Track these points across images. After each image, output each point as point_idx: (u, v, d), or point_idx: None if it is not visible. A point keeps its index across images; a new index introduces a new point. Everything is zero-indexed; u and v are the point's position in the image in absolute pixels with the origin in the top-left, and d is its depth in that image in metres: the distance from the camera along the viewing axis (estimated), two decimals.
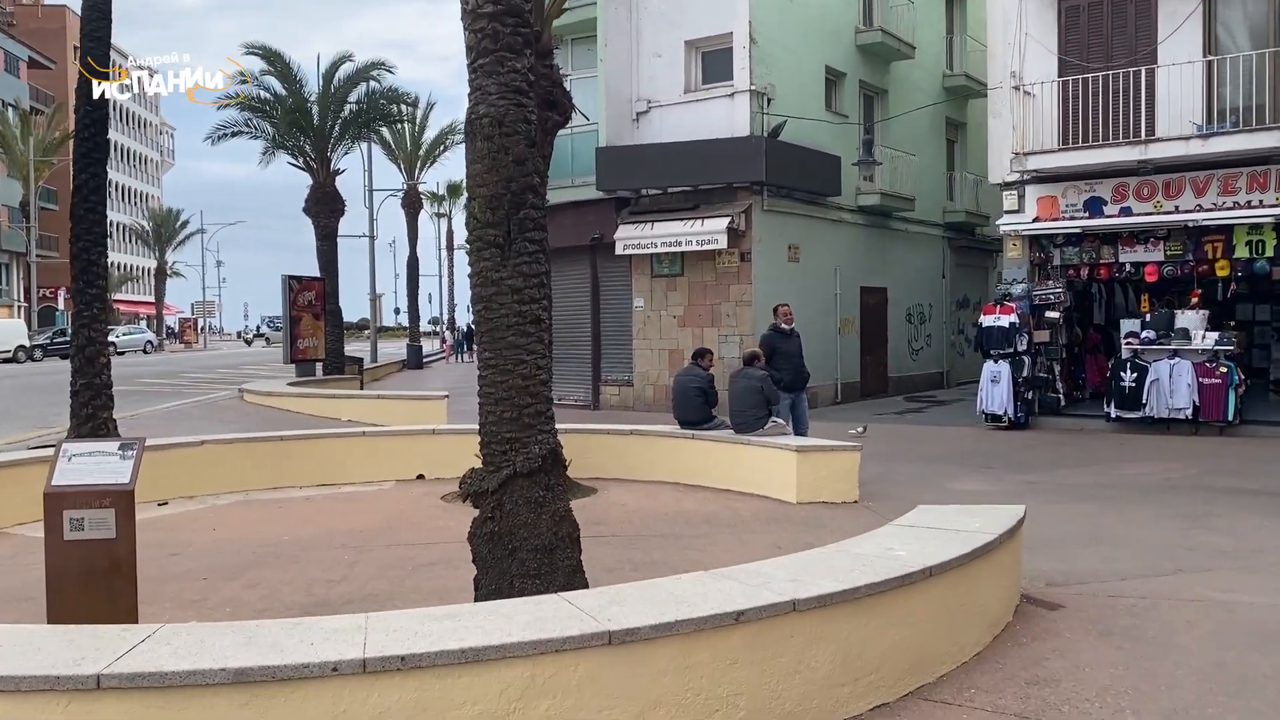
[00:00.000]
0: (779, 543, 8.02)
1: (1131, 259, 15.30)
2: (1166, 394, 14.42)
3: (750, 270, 18.83)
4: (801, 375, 12.11)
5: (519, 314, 5.28)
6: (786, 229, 19.65)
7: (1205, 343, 14.30)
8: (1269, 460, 12.14)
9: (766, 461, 10.16)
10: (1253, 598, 6.15)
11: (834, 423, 16.28)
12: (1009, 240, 16.25)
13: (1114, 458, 12.61)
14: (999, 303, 15.95)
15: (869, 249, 22.43)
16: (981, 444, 14.44)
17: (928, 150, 24.58)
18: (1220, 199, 14.38)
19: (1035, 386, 15.98)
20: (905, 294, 23.94)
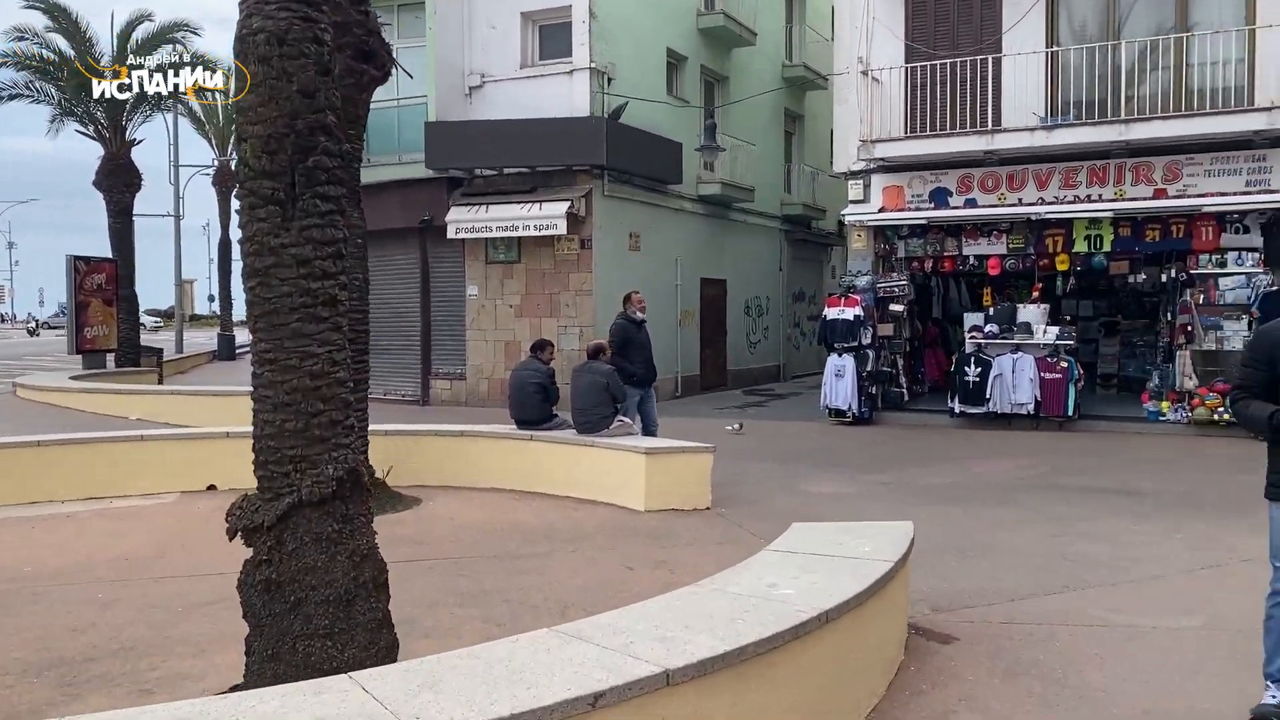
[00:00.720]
0: (629, 560, 7.04)
1: (975, 251, 15.13)
2: (1009, 389, 14.28)
3: (591, 258, 17.83)
4: (653, 369, 11.20)
5: (307, 293, 4.07)
6: (628, 216, 18.75)
7: (1047, 337, 14.24)
8: (1110, 455, 12.04)
9: (612, 465, 9.17)
10: (1151, 619, 5.57)
11: (682, 419, 15.51)
12: (854, 231, 15.84)
13: (962, 455, 12.27)
14: (843, 295, 15.53)
15: (709, 240, 21.83)
16: (829, 441, 13.93)
17: (767, 141, 24.21)
18: (1062, 192, 14.34)
19: (879, 381, 15.64)
20: (744, 286, 23.49)
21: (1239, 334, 13.55)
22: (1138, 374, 17.69)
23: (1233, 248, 13.58)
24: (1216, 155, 13.40)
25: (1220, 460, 11.55)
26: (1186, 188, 13.65)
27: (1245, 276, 13.46)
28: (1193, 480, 10.28)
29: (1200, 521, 8.22)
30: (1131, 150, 13.72)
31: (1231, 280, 13.57)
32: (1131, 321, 18.41)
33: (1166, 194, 13.73)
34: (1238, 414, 4.34)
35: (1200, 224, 13.67)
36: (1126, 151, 13.77)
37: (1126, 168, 13.92)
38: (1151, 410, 14.11)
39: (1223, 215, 13.52)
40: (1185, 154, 13.55)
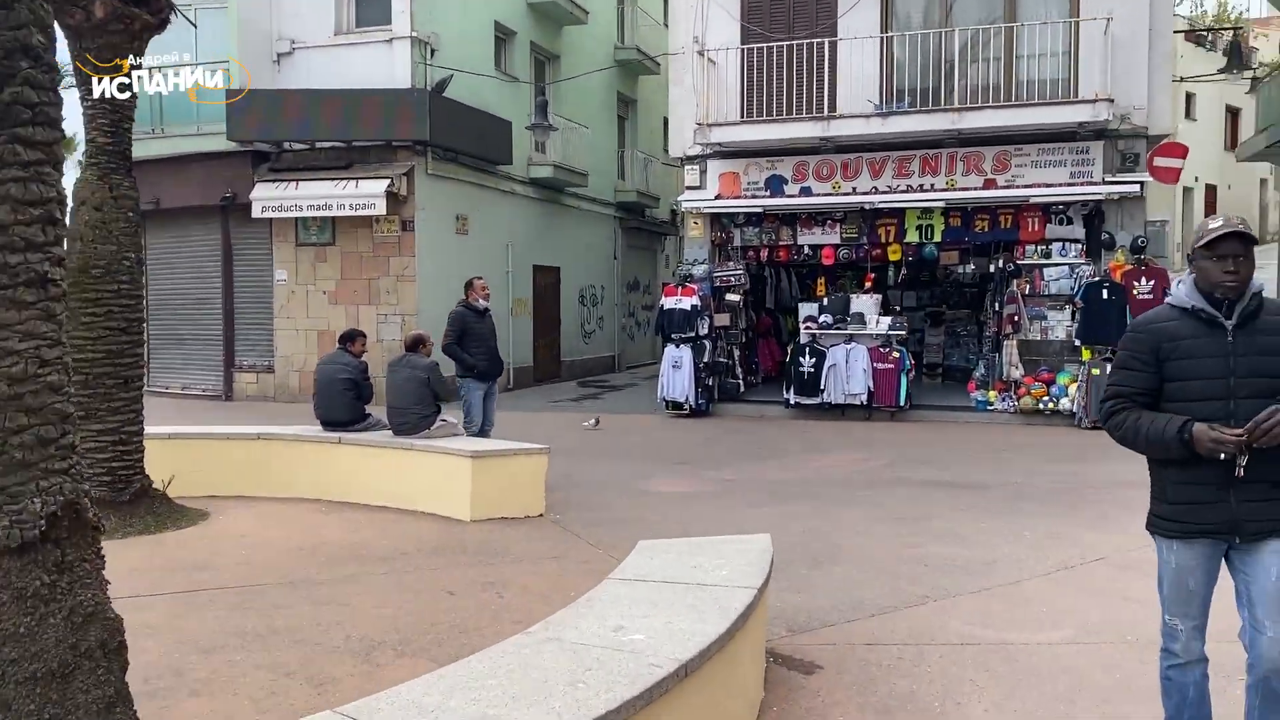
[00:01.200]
0: (452, 583, 6.18)
1: (810, 241, 14.90)
2: (843, 379, 14.11)
3: (413, 241, 16.69)
4: (499, 362, 10.31)
5: (4, 270, 3.05)
6: (454, 197, 17.69)
7: (879, 328, 14.13)
8: (945, 446, 11.97)
9: (434, 471, 8.25)
10: (1021, 635, 5.16)
11: (519, 413, 14.63)
12: (690, 218, 15.36)
13: (802, 448, 11.94)
14: (680, 284, 15.02)
15: (542, 225, 20.99)
16: (668, 434, 13.38)
17: (600, 125, 23.51)
18: (895, 181, 14.26)
19: (716, 372, 15.22)
20: (578, 274, 22.77)
21: (1062, 324, 13.82)
22: (961, 363, 18.00)
23: (1057, 238, 13.80)
24: (1043, 146, 13.57)
25: (1047, 449, 11.63)
26: (1014, 178, 13.79)
27: (1069, 267, 13.71)
28: (1027, 471, 10.22)
29: (1043, 517, 8.04)
30: (963, 140, 13.75)
31: (1056, 271, 13.81)
32: (955, 311, 18.73)
33: (995, 184, 13.83)
34: (1122, 431, 3.33)
35: (1027, 215, 13.84)
36: (958, 141, 13.79)
37: (958, 158, 13.95)
38: (979, 400, 14.22)
39: (1048, 206, 13.72)
40: (1014, 144, 13.67)
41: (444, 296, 16.90)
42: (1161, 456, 3.32)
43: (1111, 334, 13.00)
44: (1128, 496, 8.86)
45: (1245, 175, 33.59)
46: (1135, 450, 3.37)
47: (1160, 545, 3.42)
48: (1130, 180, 13.27)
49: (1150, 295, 12.92)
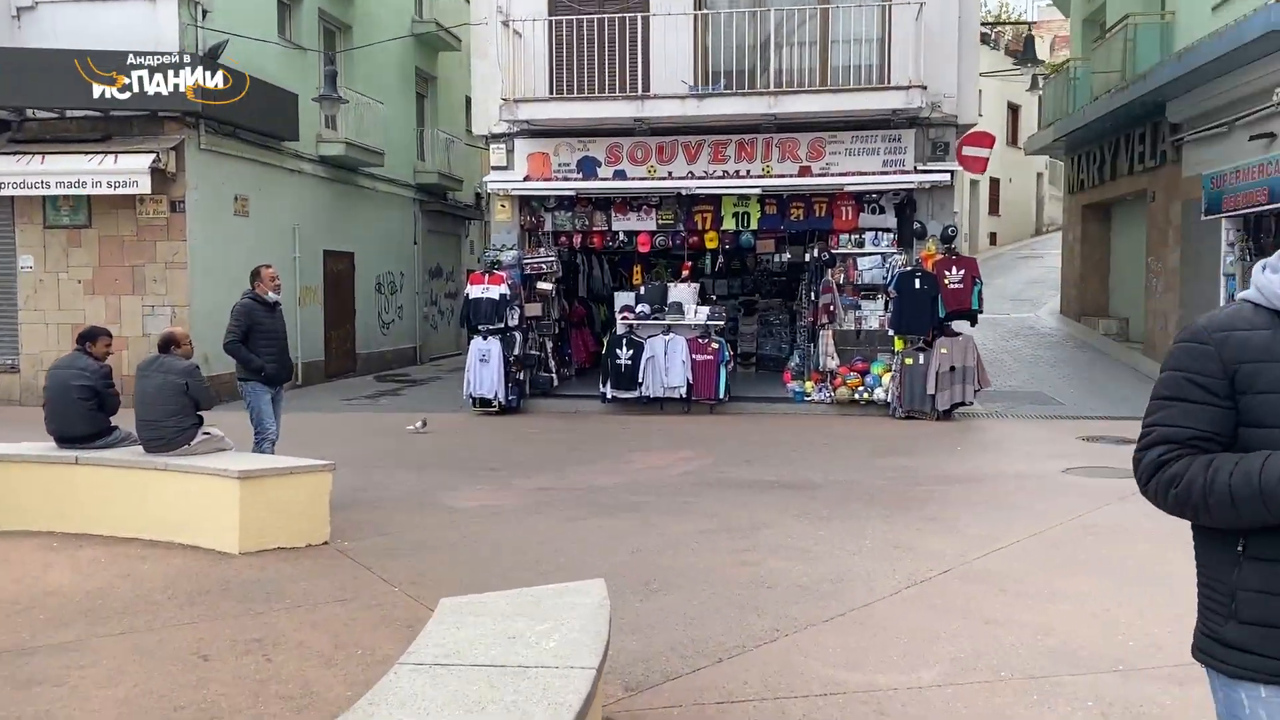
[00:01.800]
0: (207, 643, 5.02)
1: (625, 227, 14.18)
2: (662, 372, 13.48)
3: (184, 223, 14.87)
4: (288, 364, 8.97)
5: None
6: (233, 176, 15.93)
7: (698, 318, 13.58)
8: (767, 441, 11.53)
9: (195, 495, 6.96)
10: (890, 676, 4.54)
11: (311, 414, 13.22)
12: (497, 200, 14.33)
13: (623, 447, 11.20)
14: (487, 271, 13.97)
15: (333, 208, 19.38)
16: (476, 436, 12.34)
17: (397, 102, 22.02)
18: (711, 167, 13.72)
19: (527, 366, 14.29)
20: (375, 261, 21.24)
21: (876, 314, 13.69)
22: (774, 352, 17.81)
23: (870, 228, 13.65)
24: (857, 133, 13.36)
25: (868, 442, 11.36)
26: (829, 166, 13.52)
27: (881, 256, 13.58)
28: (851, 467, 9.86)
29: (879, 520, 7.59)
30: (779, 125, 13.35)
31: (869, 260, 13.65)
32: (768, 301, 18.54)
33: (811, 171, 13.52)
34: (1183, 491, 1.99)
35: (841, 203, 13.62)
36: (774, 126, 13.38)
37: (774, 143, 13.55)
38: (797, 391, 13.93)
39: (862, 195, 13.54)
40: (829, 131, 13.40)
41: (222, 286, 15.24)
42: (1255, 521, 1.94)
43: (924, 323, 12.97)
44: (956, 493, 8.63)
45: (1025, 170, 35.53)
46: (1198, 520, 2.04)
47: (1230, 691, 2.05)
48: (941, 169, 13.25)
49: (961, 284, 12.94)
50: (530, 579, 6.01)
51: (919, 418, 12.89)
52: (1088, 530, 7.23)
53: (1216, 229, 13.92)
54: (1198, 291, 14.60)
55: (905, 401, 13.01)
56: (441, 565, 6.44)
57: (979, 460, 10.43)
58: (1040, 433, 12.05)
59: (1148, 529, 7.19)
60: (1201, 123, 14.31)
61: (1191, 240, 14.88)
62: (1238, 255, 13.79)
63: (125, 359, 14.74)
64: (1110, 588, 5.84)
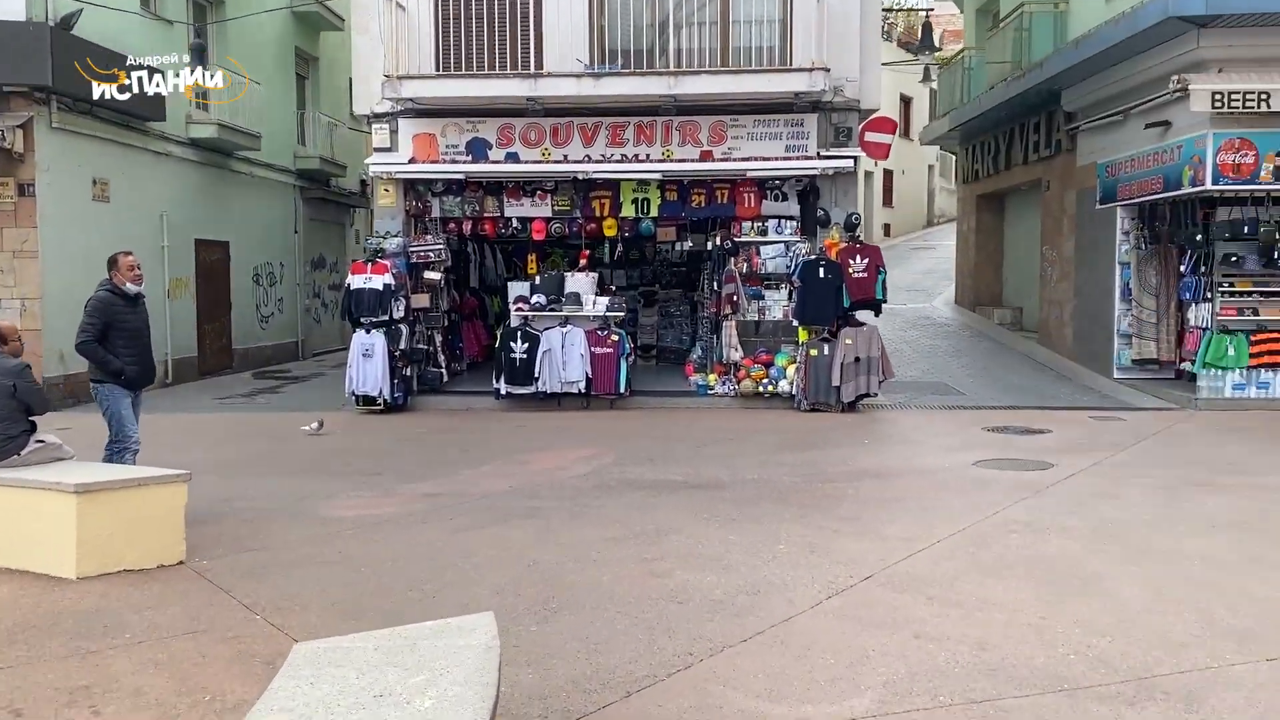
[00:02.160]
0: (23, 698, 4.22)
1: (518, 213, 13.46)
2: (559, 366, 12.84)
3: (35, 209, 13.56)
4: (151, 365, 7.98)
5: None
6: (91, 157, 14.64)
7: (597, 309, 12.97)
8: (670, 436, 11.02)
9: (25, 512, 6.06)
10: (818, 707, 4.03)
11: (180, 414, 12.15)
12: (380, 184, 13.44)
13: (518, 446, 10.54)
14: (370, 260, 13.09)
15: (206, 194, 18.13)
16: (358, 437, 11.50)
17: (275, 83, 20.76)
18: (609, 150, 13.12)
19: (414, 361, 13.46)
20: (252, 250, 20.01)
21: (779, 304, 13.31)
22: (675, 344, 17.35)
23: (774, 215, 13.25)
24: (759, 118, 12.92)
25: (774, 435, 10.96)
26: (731, 150, 13.07)
27: (785, 245, 13.20)
28: (760, 462, 9.41)
29: (793, 521, 7.13)
30: (680, 108, 12.82)
31: (772, 249, 13.25)
32: (668, 291, 18.05)
33: (712, 156, 13.04)
34: None
35: (743, 190, 13.18)
36: (675, 109, 12.85)
37: (674, 126, 13.02)
38: (700, 384, 13.46)
39: (764, 181, 13.13)
40: (730, 115, 12.92)
41: (78, 276, 14.02)
42: None
43: (829, 313, 12.64)
44: (869, 490, 8.24)
45: (918, 162, 35.94)
46: None
47: None
48: (844, 155, 12.91)
49: (865, 274, 12.65)
50: (413, 601, 5.34)
51: (824, 410, 12.55)
52: (1009, 528, 6.89)
53: (1111, 217, 13.97)
54: (1092, 280, 14.66)
55: (810, 394, 12.66)
56: (312, 586, 5.71)
57: (889, 454, 10.11)
58: (946, 424, 11.83)
59: (1069, 525, 6.91)
60: (1096, 111, 14.35)
61: (1086, 229, 14.95)
62: (1132, 244, 13.87)
63: None
64: (1042, 593, 5.47)
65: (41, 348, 13.48)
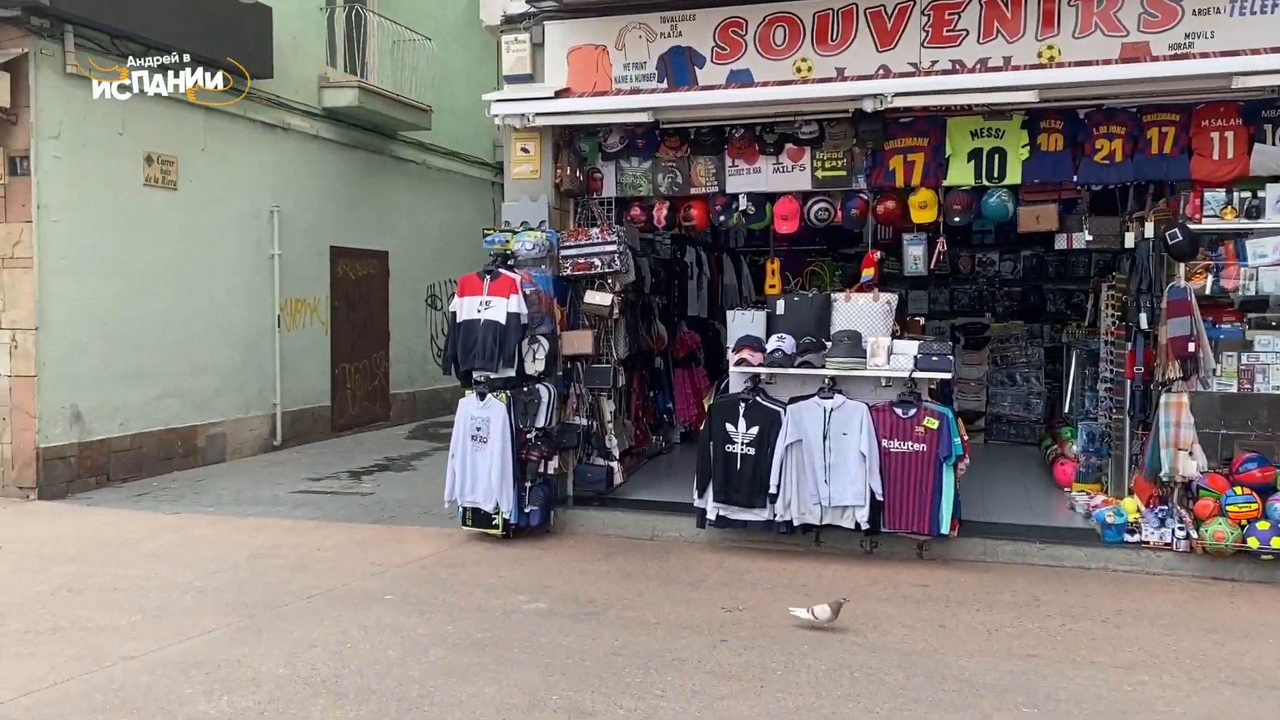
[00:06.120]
0: None
1: (749, 185, 7.36)
2: (818, 472, 6.61)
3: (30, 191, 9.01)
4: None
5: None
6: (142, 123, 10.03)
7: (897, 364, 6.59)
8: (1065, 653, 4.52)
9: None
10: None
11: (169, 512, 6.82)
12: (514, 139, 7.75)
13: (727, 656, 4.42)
14: (489, 273, 7.42)
15: (353, 186, 13.40)
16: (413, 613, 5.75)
17: (461, 47, 15.90)
18: (927, 53, 6.77)
19: (564, 448, 7.62)
20: (425, 264, 15.18)
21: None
22: (1015, 410, 10.66)
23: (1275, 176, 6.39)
24: None
25: None
26: (1190, 42, 6.33)
27: None
28: None
29: None
30: None
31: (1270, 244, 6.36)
32: (1005, 325, 11.32)
33: (1148, 53, 6.37)
34: None
35: (1212, 123, 6.42)
36: None
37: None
38: (1107, 521, 6.70)
39: (1260, 104, 6.31)
40: None
41: (105, 296, 9.57)
42: None
43: None
44: None
45: None
46: None
47: None
48: None
49: None
50: None
51: None
52: None
53: None
54: None
55: None
56: None
57: None
58: None
59: None
60: None
61: None
62: None
63: None
64: None
65: (36, 405, 8.88)
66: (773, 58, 7.03)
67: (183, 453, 10.50)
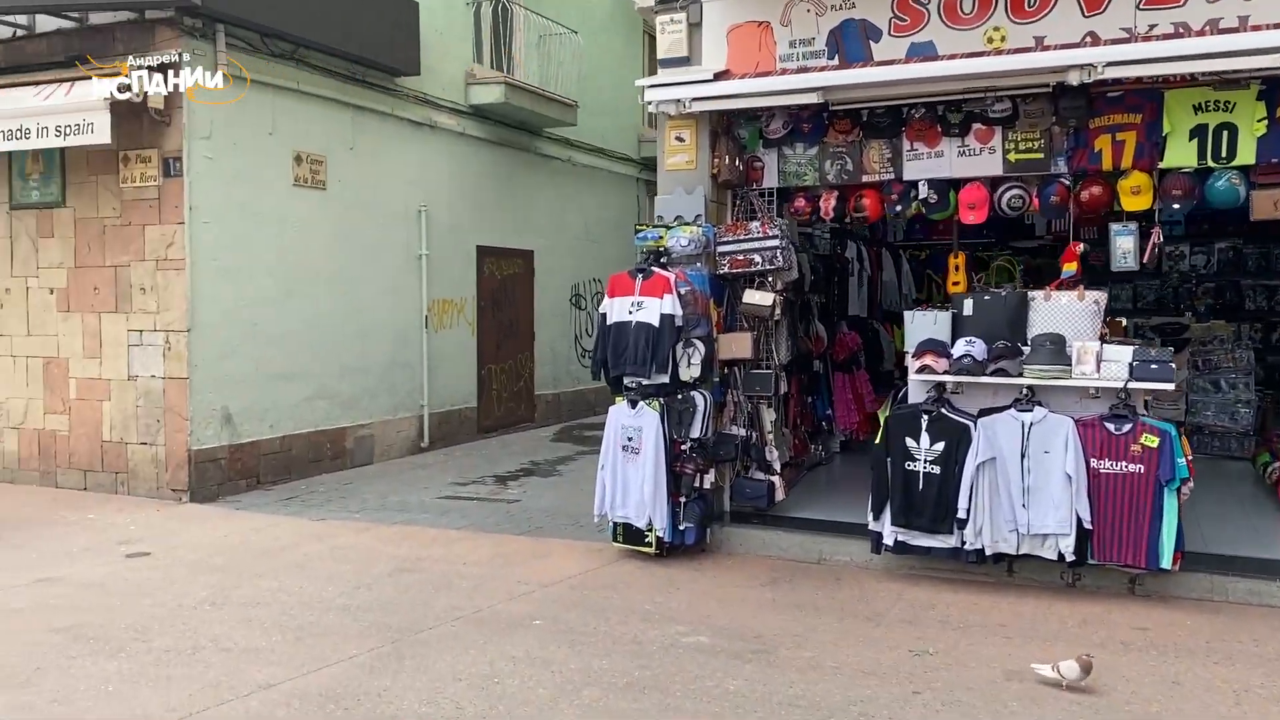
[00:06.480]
0: None
1: (931, 171, 6.61)
2: (1014, 496, 5.83)
3: (183, 193, 9.00)
4: None
5: None
6: (293, 122, 9.98)
7: (1105, 370, 5.75)
8: None
9: None
10: None
11: (316, 518, 6.47)
12: (668, 128, 7.21)
13: None
14: (641, 270, 6.90)
15: (499, 185, 13.17)
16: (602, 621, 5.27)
17: (609, 39, 15.56)
18: (1144, 14, 5.88)
19: (721, 460, 7.04)
20: (569, 262, 14.88)
21: None
22: (1221, 421, 9.52)
23: None
24: None
25: None
26: None
27: None
28: None
29: None
30: None
31: None
32: (1207, 325, 10.16)
33: None
34: None
35: None
36: None
37: None
38: None
39: None
40: None
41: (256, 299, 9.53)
42: None
43: None
44: None
45: None
46: None
47: None
48: None
49: None
50: None
51: None
52: None
53: None
54: None
55: None
56: None
57: None
58: None
59: None
60: None
61: None
62: None
63: (77, 439, 9.50)
64: None
65: (189, 407, 8.88)
66: (960, 27, 6.27)
67: (331, 455, 10.41)
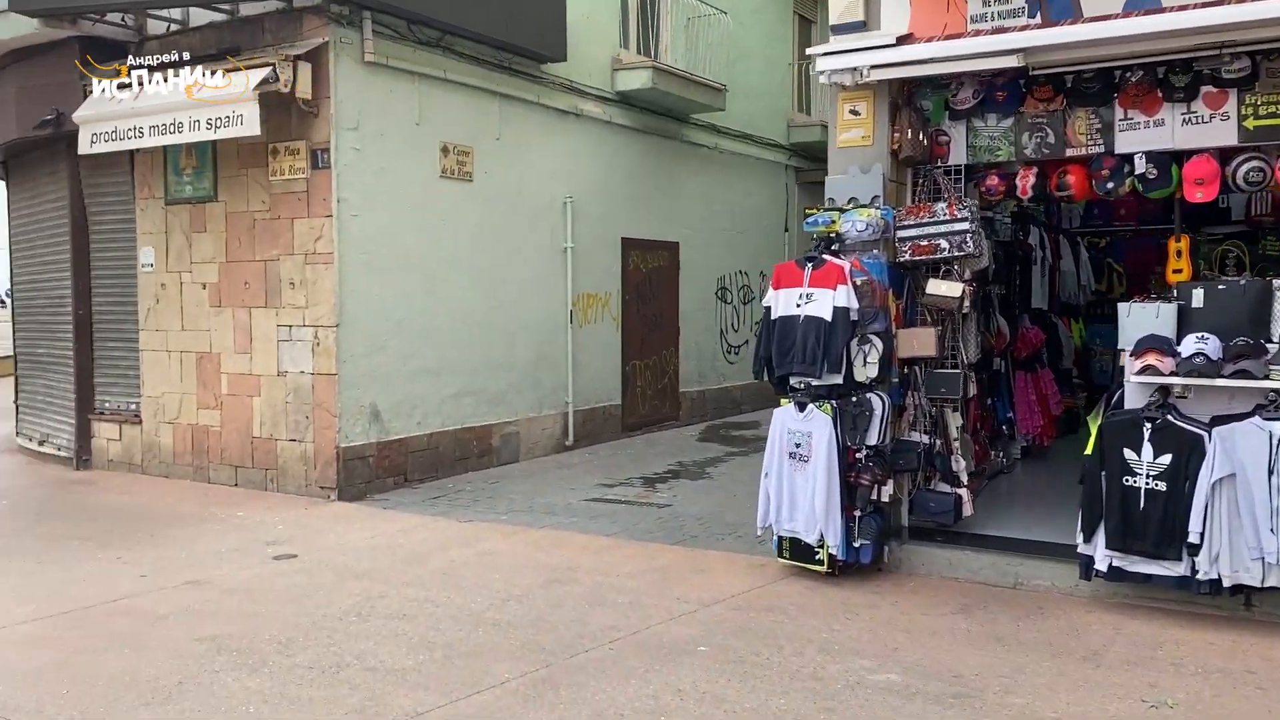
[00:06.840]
0: None
1: (1149, 144, 5.75)
2: (1260, 519, 4.96)
3: (331, 185, 8.83)
4: None
5: None
6: (440, 112, 9.72)
7: None
8: None
9: None
10: None
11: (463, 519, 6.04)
12: (840, 101, 6.53)
13: None
14: (811, 258, 6.24)
15: (644, 174, 12.70)
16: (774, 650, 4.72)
17: (755, 20, 14.90)
18: None
19: (900, 470, 6.33)
20: (716, 255, 14.29)
21: None
22: None
23: None
24: None
25: None
26: None
27: None
28: None
29: None
30: None
31: None
32: None
33: None
34: None
35: None
36: None
37: None
38: None
39: None
40: None
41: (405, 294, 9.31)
42: None
43: None
44: None
45: None
46: None
47: None
48: None
49: None
50: None
51: None
52: None
53: None
54: None
55: None
56: None
57: None
58: None
59: None
60: None
61: None
62: None
63: (229, 435, 9.45)
64: None
65: (337, 403, 8.70)
66: None
67: (478, 452, 10.14)
